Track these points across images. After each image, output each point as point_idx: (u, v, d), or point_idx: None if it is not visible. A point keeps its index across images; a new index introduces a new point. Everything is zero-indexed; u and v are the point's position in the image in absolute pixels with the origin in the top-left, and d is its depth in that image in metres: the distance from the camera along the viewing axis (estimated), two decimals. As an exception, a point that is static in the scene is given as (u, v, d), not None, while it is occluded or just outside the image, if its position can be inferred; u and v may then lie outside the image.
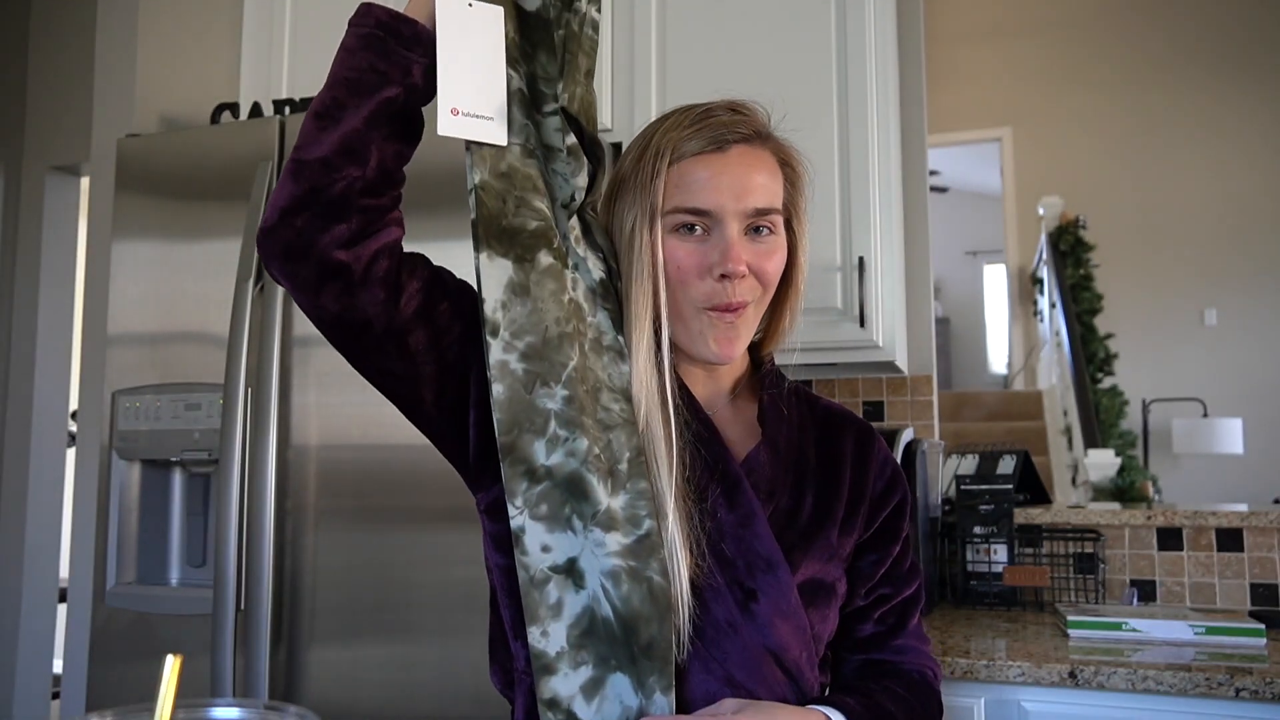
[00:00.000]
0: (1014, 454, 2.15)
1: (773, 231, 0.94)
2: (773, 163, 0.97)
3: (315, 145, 0.85)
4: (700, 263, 0.91)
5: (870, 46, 1.99)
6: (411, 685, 1.65)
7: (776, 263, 0.95)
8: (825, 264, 1.96)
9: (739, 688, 0.88)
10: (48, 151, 3.33)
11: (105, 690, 1.86)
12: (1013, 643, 1.67)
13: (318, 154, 0.85)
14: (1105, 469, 4.84)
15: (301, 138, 0.87)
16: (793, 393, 1.04)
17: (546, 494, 0.85)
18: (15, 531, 3.22)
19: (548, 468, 0.85)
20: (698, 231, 0.92)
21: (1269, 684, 1.38)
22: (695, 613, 0.87)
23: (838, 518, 0.97)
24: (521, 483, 0.85)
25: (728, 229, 0.91)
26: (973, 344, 8.40)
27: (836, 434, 1.02)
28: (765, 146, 0.97)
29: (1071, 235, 5.78)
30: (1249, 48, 5.89)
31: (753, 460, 0.96)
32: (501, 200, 0.89)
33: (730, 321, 0.92)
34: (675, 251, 0.91)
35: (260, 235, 0.88)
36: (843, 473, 0.99)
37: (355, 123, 0.85)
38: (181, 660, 0.65)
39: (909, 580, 1.02)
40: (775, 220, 0.95)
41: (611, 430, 0.88)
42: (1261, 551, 1.98)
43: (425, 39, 0.87)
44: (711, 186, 0.91)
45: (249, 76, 2.39)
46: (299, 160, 0.86)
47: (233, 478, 1.75)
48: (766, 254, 0.93)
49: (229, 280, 1.83)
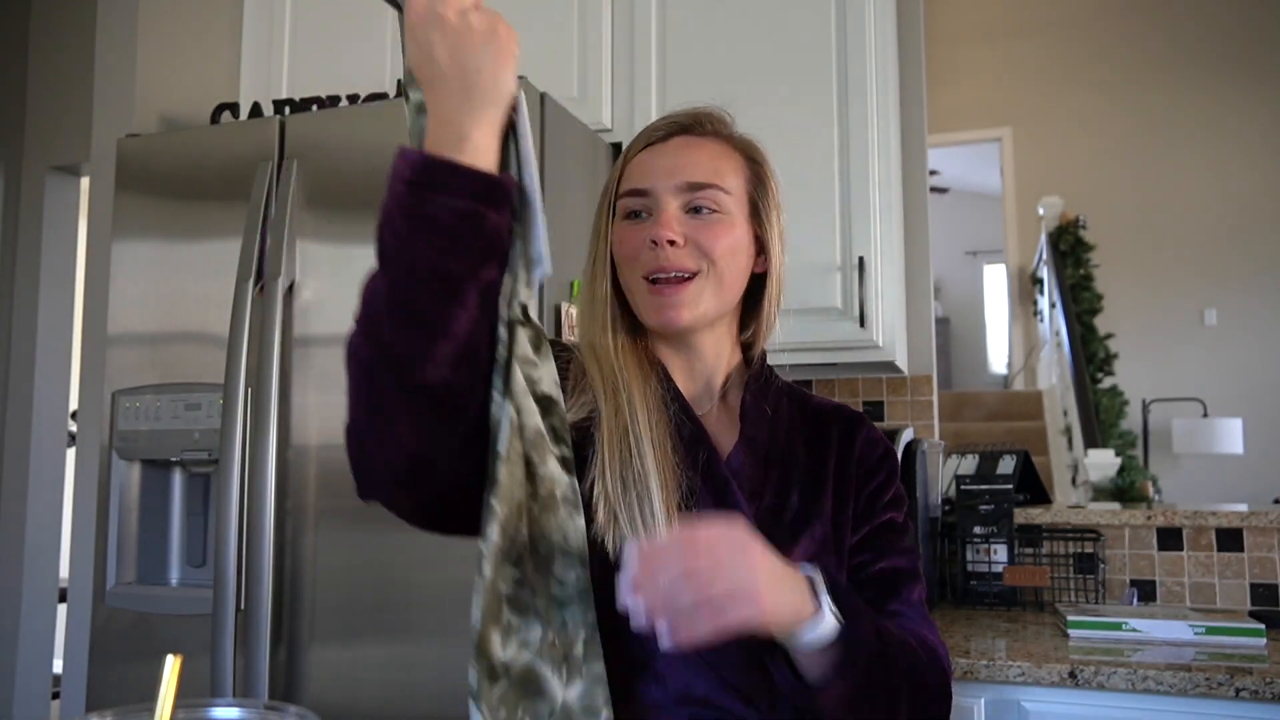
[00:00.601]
0: (1014, 454, 2.15)
1: (716, 210, 0.95)
2: (719, 149, 0.99)
3: (427, 363, 0.75)
4: (640, 237, 0.95)
5: (870, 46, 1.99)
6: (411, 685, 1.65)
7: (725, 241, 0.95)
8: (825, 264, 1.97)
9: (732, 689, 0.87)
10: (48, 151, 3.33)
11: (105, 690, 1.86)
12: (1013, 643, 1.67)
13: (437, 378, 0.75)
14: (1105, 469, 4.84)
15: (393, 348, 0.75)
16: (784, 393, 1.03)
17: (504, 696, 0.79)
18: (15, 531, 3.21)
19: (505, 664, 0.80)
20: (643, 216, 0.97)
21: (1269, 684, 1.38)
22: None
23: (827, 511, 0.96)
24: (486, 683, 0.78)
25: (663, 204, 0.95)
26: (973, 344, 8.41)
27: (825, 430, 1.01)
28: (716, 138, 1.00)
29: (1071, 235, 5.79)
30: (1249, 48, 5.89)
31: (733, 460, 0.96)
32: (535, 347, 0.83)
33: (669, 292, 0.94)
34: (622, 233, 0.97)
35: (387, 500, 0.83)
36: (828, 465, 0.98)
37: (466, 324, 0.76)
38: (181, 660, 0.65)
39: (898, 552, 0.98)
40: (717, 198, 0.95)
41: (566, 607, 0.82)
42: (1261, 551, 1.98)
43: (510, 192, 0.77)
44: (649, 167, 0.97)
45: (249, 76, 2.40)
46: (416, 387, 0.75)
47: (233, 478, 1.75)
48: (706, 228, 0.95)
49: (229, 280, 1.83)
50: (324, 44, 2.35)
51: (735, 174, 0.98)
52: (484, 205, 0.74)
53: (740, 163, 0.99)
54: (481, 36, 0.75)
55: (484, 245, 0.75)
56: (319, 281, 1.80)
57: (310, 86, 2.29)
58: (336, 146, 1.82)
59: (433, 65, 0.75)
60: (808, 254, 1.97)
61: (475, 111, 0.75)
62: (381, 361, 0.76)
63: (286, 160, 1.84)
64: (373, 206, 0.76)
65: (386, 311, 0.75)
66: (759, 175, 1.00)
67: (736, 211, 0.97)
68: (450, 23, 0.74)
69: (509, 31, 0.77)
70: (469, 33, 0.75)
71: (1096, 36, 6.19)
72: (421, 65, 0.76)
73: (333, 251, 1.80)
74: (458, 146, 0.74)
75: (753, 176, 1.00)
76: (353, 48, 2.32)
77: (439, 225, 0.73)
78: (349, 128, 1.82)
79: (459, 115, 0.75)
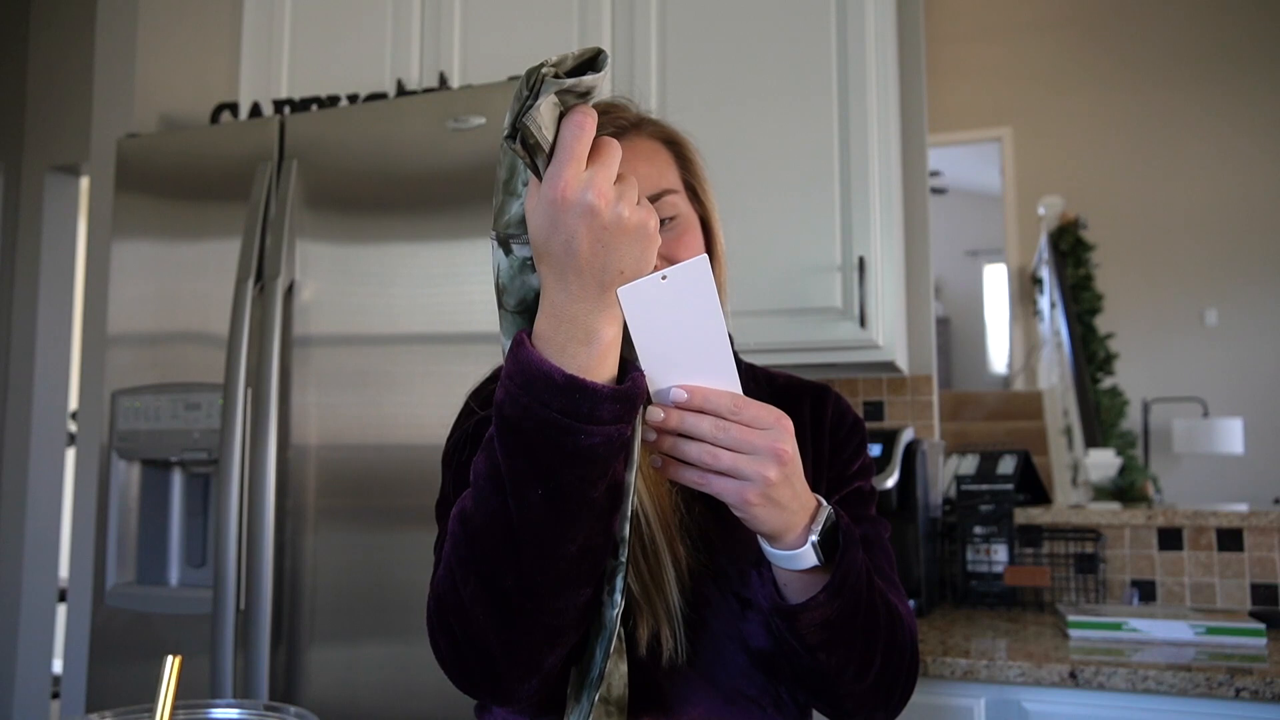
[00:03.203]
0: (1014, 454, 2.15)
1: (674, 216, 0.92)
2: (650, 147, 0.94)
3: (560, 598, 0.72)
4: None
5: (870, 46, 1.99)
6: (411, 685, 1.65)
7: (688, 243, 0.92)
8: (825, 264, 1.96)
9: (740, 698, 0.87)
10: (48, 151, 3.33)
11: (105, 690, 1.86)
12: (1013, 643, 1.67)
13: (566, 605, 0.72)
14: (1105, 469, 4.84)
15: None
16: (750, 376, 1.01)
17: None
18: (15, 531, 3.21)
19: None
20: None
21: (1269, 684, 1.38)
22: (690, 632, 0.85)
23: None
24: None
25: None
26: (973, 344, 8.40)
27: (795, 406, 0.99)
28: (639, 135, 0.95)
29: (1071, 235, 5.78)
30: (1249, 48, 5.89)
31: None
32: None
33: None
34: None
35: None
36: (804, 442, 0.97)
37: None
38: (181, 660, 0.65)
39: (868, 521, 0.97)
40: (673, 201, 0.92)
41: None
42: (1261, 551, 1.98)
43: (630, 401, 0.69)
44: None
45: (249, 76, 2.40)
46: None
47: (233, 478, 1.75)
48: (676, 241, 0.91)
49: (229, 280, 1.83)
50: (324, 44, 2.35)
51: (669, 166, 0.94)
52: (624, 424, 0.67)
53: (665, 151, 0.95)
54: (632, 236, 0.66)
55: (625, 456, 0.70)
56: (319, 281, 1.80)
57: (310, 86, 2.30)
58: (336, 146, 1.82)
59: (569, 256, 0.65)
60: (808, 254, 1.97)
61: (610, 309, 0.67)
62: (522, 592, 0.71)
63: (286, 160, 1.84)
64: (373, 206, 0.74)
65: (529, 544, 0.69)
66: (683, 155, 0.96)
67: (684, 207, 0.94)
68: (603, 218, 0.64)
69: (657, 226, 0.68)
70: (620, 232, 0.65)
71: (1097, 36, 6.19)
72: (553, 250, 0.66)
73: (333, 251, 1.80)
74: (585, 343, 0.67)
75: (678, 160, 0.96)
76: (353, 48, 2.32)
77: (594, 458, 0.67)
78: (349, 128, 1.82)
79: (589, 313, 0.67)
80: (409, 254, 1.74)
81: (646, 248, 0.67)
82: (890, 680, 0.85)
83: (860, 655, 0.82)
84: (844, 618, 0.79)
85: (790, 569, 0.77)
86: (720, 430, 0.70)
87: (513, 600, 0.71)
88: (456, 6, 2.26)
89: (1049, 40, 6.30)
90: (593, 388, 0.65)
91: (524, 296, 0.71)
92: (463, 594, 0.73)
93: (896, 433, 1.94)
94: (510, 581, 0.70)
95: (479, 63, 2.21)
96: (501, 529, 0.69)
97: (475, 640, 0.73)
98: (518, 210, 0.69)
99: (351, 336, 1.77)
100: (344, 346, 1.78)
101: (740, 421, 0.70)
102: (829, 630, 0.79)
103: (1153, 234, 5.97)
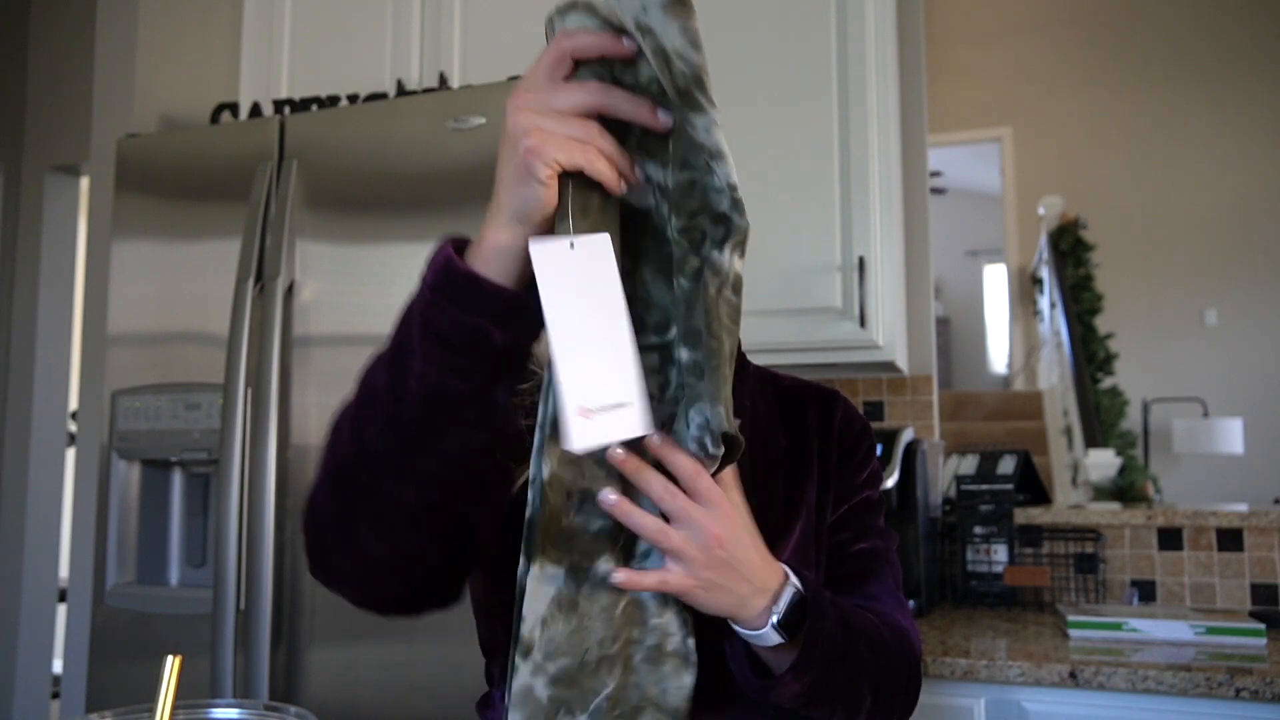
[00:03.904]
0: (1014, 454, 2.15)
1: None
2: None
3: (404, 474, 0.72)
4: None
5: (870, 46, 1.99)
6: (411, 685, 1.65)
7: None
8: (825, 264, 1.96)
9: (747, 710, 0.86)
10: (48, 151, 3.33)
11: (105, 690, 1.86)
12: (1013, 643, 1.67)
13: (410, 495, 0.73)
14: (1105, 469, 4.84)
15: (373, 446, 0.71)
16: (757, 380, 1.00)
17: None
18: (15, 531, 3.21)
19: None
20: None
21: (1269, 684, 1.38)
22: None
23: (811, 498, 0.94)
24: None
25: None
26: (973, 344, 8.40)
27: (801, 410, 0.98)
28: None
29: (1071, 235, 5.78)
30: (1250, 48, 5.89)
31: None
32: (566, 495, 0.72)
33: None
34: None
35: (343, 593, 0.84)
36: (810, 448, 0.96)
37: (457, 446, 0.72)
38: (181, 661, 0.65)
39: (875, 532, 0.97)
40: None
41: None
42: (1261, 551, 1.98)
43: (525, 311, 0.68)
44: None
45: (249, 76, 2.40)
46: (386, 497, 0.72)
47: (233, 478, 1.75)
48: None
49: (229, 280, 1.83)
50: (324, 44, 2.35)
51: None
52: (492, 323, 0.68)
53: None
54: (509, 144, 0.67)
55: (489, 367, 0.69)
56: (319, 281, 1.80)
57: (310, 86, 2.30)
58: (336, 146, 1.82)
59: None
60: (808, 254, 1.97)
61: (496, 217, 0.69)
62: (359, 458, 0.72)
63: (286, 160, 1.84)
64: (373, 206, 0.74)
65: (376, 406, 0.71)
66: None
67: None
68: (508, 121, 0.67)
69: (539, 142, 0.66)
70: (503, 138, 0.68)
71: (1097, 36, 6.19)
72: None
73: (333, 251, 1.80)
74: (477, 242, 0.70)
75: None
76: (353, 48, 2.32)
77: (445, 340, 0.68)
78: (349, 128, 1.82)
79: (489, 217, 0.70)
80: (409, 254, 1.73)
81: (514, 157, 0.67)
82: (887, 706, 0.86)
83: (848, 701, 0.82)
84: (820, 684, 0.79)
85: (758, 644, 0.77)
86: (669, 496, 0.70)
87: (360, 477, 0.72)
88: (456, 6, 2.25)
89: (1049, 40, 6.30)
90: (453, 265, 0.68)
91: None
92: (322, 484, 0.76)
93: (896, 433, 1.94)
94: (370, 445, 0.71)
95: (479, 63, 2.21)
96: (378, 394, 0.71)
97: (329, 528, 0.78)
98: None
99: (351, 336, 1.77)
100: (344, 346, 1.78)
101: (693, 490, 0.71)
102: (807, 696, 0.79)
103: (1153, 234, 5.97)
